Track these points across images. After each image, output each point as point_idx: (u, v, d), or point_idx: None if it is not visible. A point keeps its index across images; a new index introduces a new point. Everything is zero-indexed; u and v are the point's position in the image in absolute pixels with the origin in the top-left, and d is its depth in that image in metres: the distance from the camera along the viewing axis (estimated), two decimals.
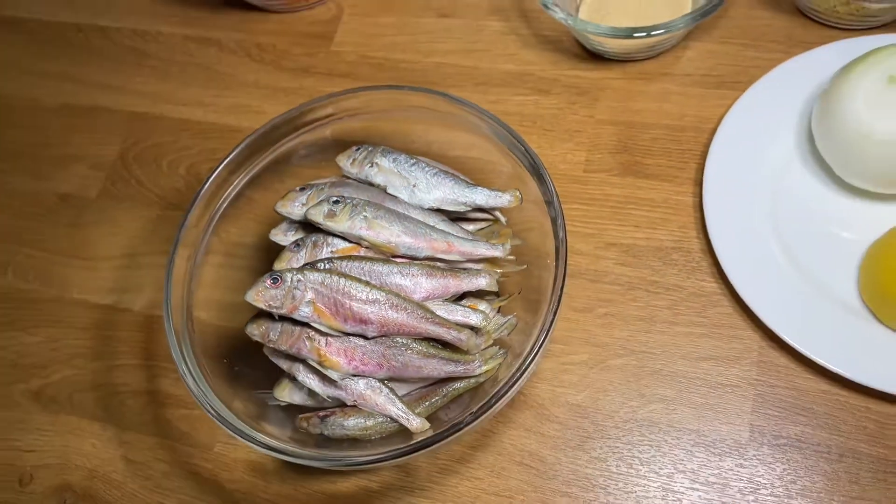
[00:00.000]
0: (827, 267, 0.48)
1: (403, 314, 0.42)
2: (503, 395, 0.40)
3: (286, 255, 0.45)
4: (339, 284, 0.42)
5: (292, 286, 0.41)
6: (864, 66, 0.47)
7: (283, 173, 0.52)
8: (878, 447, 0.45)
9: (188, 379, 0.43)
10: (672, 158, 0.55)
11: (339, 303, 0.41)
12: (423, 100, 0.49)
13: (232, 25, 0.68)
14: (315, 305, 0.41)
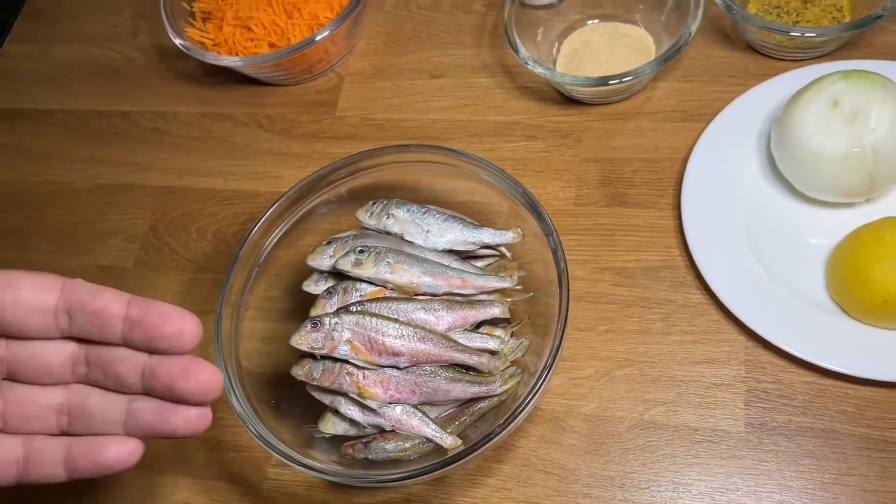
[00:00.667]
0: (798, 271, 0.54)
1: (430, 345, 0.48)
2: (523, 408, 0.45)
3: (320, 302, 0.51)
4: (372, 323, 0.47)
5: (331, 328, 0.47)
6: (811, 93, 0.54)
7: (304, 231, 0.58)
8: (858, 427, 0.50)
9: (244, 418, 0.48)
10: (651, 187, 0.61)
11: (373, 339, 0.47)
12: (426, 155, 0.55)
13: (242, 101, 0.75)
14: (352, 344, 0.47)
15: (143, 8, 0.83)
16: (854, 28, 0.58)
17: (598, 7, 0.68)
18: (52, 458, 0.36)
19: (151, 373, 0.34)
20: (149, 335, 0.34)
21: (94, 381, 0.36)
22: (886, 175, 0.52)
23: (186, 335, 0.34)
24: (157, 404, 0.35)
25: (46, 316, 0.34)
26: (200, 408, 0.35)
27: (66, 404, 0.36)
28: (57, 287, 0.34)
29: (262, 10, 0.69)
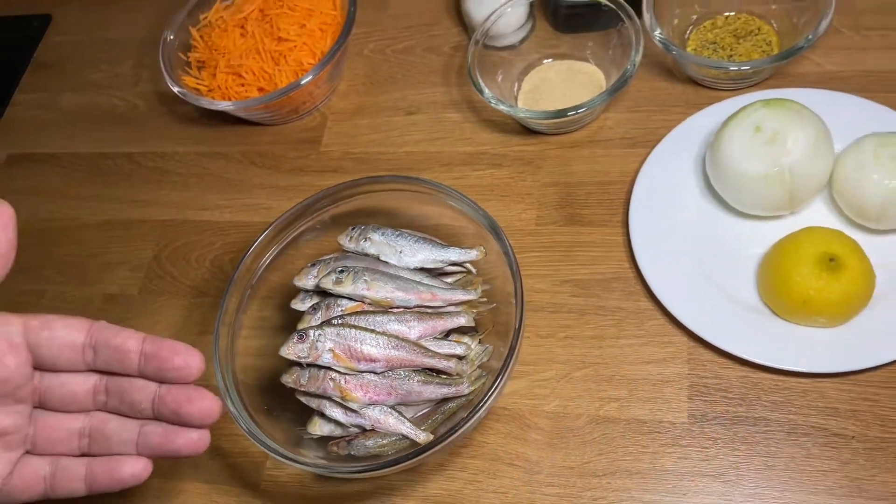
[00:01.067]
0: (733, 278, 0.61)
1: (403, 351, 0.54)
2: (483, 405, 0.51)
3: (306, 317, 0.58)
4: (351, 334, 0.54)
5: (314, 339, 0.54)
6: (736, 120, 0.61)
7: (292, 255, 0.65)
8: (787, 414, 0.56)
9: (239, 420, 0.54)
10: (604, 207, 0.68)
11: (353, 348, 0.54)
12: (398, 184, 0.62)
13: (236, 140, 0.82)
14: (334, 352, 0.54)
15: (144, 58, 0.91)
16: (779, 59, 0.65)
17: (555, 47, 0.76)
18: (75, 475, 0.42)
19: (161, 399, 0.41)
20: (160, 367, 0.41)
21: (112, 408, 0.43)
22: (803, 191, 0.59)
23: (192, 367, 0.41)
24: (164, 427, 0.42)
25: (76, 351, 0.41)
26: (201, 430, 0.42)
27: (87, 428, 0.43)
28: (85, 327, 0.42)
29: (252, 59, 0.77)
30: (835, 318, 0.56)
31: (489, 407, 0.52)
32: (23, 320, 0.40)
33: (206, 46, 0.80)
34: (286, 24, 0.77)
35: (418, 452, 0.50)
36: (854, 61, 0.69)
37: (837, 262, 0.55)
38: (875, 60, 0.69)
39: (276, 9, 0.78)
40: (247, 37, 0.78)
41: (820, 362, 0.56)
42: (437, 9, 0.84)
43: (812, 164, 0.58)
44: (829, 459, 0.54)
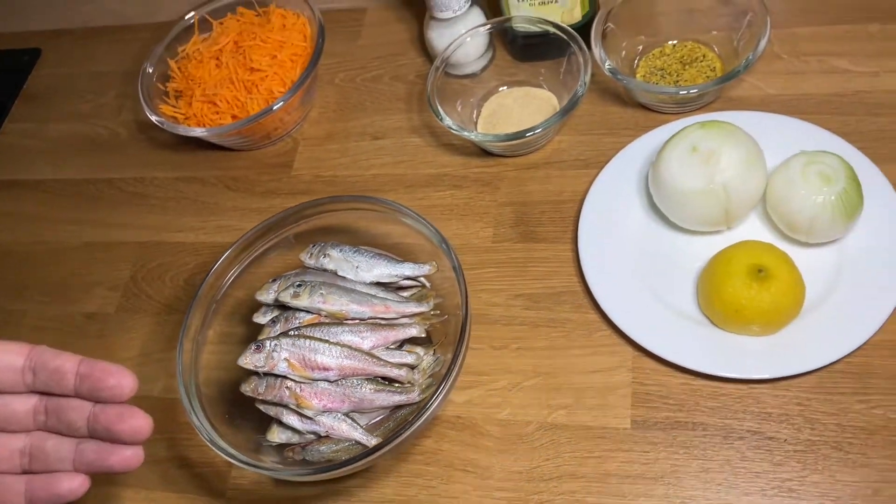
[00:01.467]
0: (675, 290, 0.64)
1: (355, 360, 0.57)
2: (427, 411, 0.54)
3: (266, 329, 0.61)
4: (306, 344, 0.57)
5: (271, 349, 0.57)
6: (675, 140, 0.64)
7: (257, 273, 0.68)
8: (724, 419, 0.59)
9: (203, 434, 0.57)
10: (556, 225, 0.71)
11: (307, 357, 0.57)
12: (360, 204, 0.66)
13: (211, 165, 0.85)
14: (289, 361, 0.57)
15: (126, 88, 0.95)
16: (719, 83, 0.69)
17: (513, 75, 0.80)
18: (15, 492, 0.45)
19: (95, 418, 0.44)
20: (94, 387, 0.44)
21: (51, 427, 0.46)
22: (738, 207, 0.62)
23: (124, 387, 0.44)
24: (99, 445, 0.45)
25: (16, 373, 0.45)
26: (134, 447, 0.45)
27: (28, 447, 0.46)
28: (24, 351, 0.45)
29: (226, 88, 0.81)
30: (766, 326, 0.59)
31: (434, 412, 0.55)
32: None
33: (184, 77, 0.84)
34: (258, 56, 0.81)
35: (365, 455, 0.53)
36: (793, 85, 0.73)
37: (766, 273, 0.58)
38: (812, 84, 0.72)
39: (249, 41, 0.82)
40: (221, 67, 0.82)
41: (754, 369, 0.58)
42: (405, 40, 0.89)
43: (744, 181, 0.61)
44: (762, 462, 0.57)
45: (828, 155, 0.61)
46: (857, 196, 0.59)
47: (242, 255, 0.66)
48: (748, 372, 0.58)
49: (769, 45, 0.75)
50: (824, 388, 0.58)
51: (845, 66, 0.73)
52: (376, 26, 0.91)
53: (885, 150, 0.66)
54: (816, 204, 0.59)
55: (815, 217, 0.59)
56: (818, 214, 0.59)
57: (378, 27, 0.91)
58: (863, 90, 0.71)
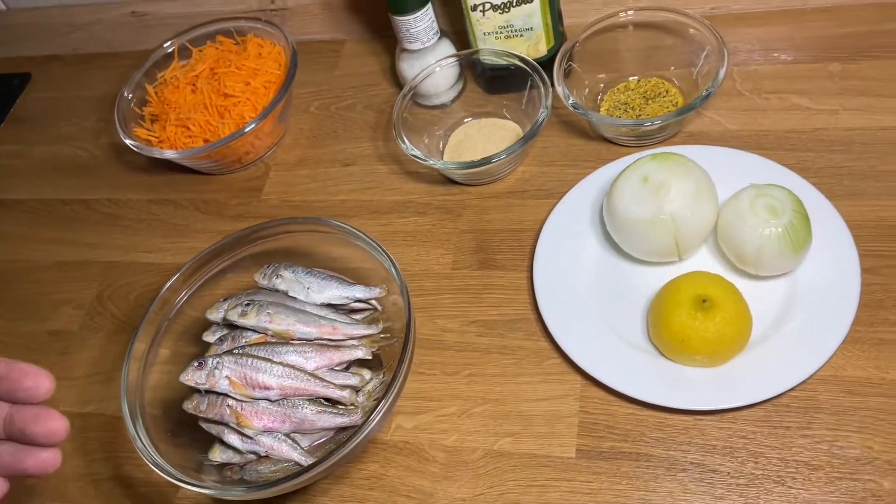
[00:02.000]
0: (625, 320, 0.64)
1: (298, 381, 0.57)
2: (361, 435, 0.54)
3: (213, 348, 0.61)
4: (248, 363, 0.57)
5: (213, 367, 0.57)
6: (628, 171, 0.65)
7: (212, 293, 0.68)
8: (669, 451, 0.58)
9: (144, 455, 0.57)
10: (515, 253, 0.71)
11: (248, 376, 0.57)
12: (312, 226, 0.66)
13: (184, 188, 0.87)
14: (230, 379, 0.57)
15: (107, 113, 0.96)
16: (678, 115, 0.70)
17: (480, 106, 0.81)
18: None
19: (10, 419, 0.43)
20: (11, 388, 0.43)
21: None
22: (688, 237, 0.62)
23: (41, 388, 0.43)
24: (15, 447, 0.43)
25: None
26: (51, 450, 0.43)
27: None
28: None
29: (199, 113, 0.82)
30: (712, 356, 0.58)
31: (370, 433, 0.55)
32: None
33: (160, 101, 0.86)
34: (232, 82, 0.83)
35: (300, 473, 0.53)
36: (752, 121, 0.74)
37: (710, 303, 0.58)
38: (772, 121, 0.73)
39: (224, 67, 0.84)
40: (196, 93, 0.84)
41: (700, 400, 0.58)
42: (379, 70, 0.90)
43: (694, 212, 0.61)
44: (704, 495, 0.56)
45: (776, 188, 0.61)
46: (804, 229, 0.60)
47: (196, 275, 0.67)
48: (694, 403, 0.58)
49: (731, 82, 0.77)
50: (770, 421, 0.58)
51: (805, 103, 0.74)
52: (353, 57, 0.93)
53: (839, 187, 0.67)
54: (763, 236, 0.59)
55: (762, 248, 0.59)
56: (765, 246, 0.59)
57: (354, 58, 0.93)
58: (821, 128, 0.72)
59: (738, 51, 0.79)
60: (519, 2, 0.73)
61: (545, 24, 0.75)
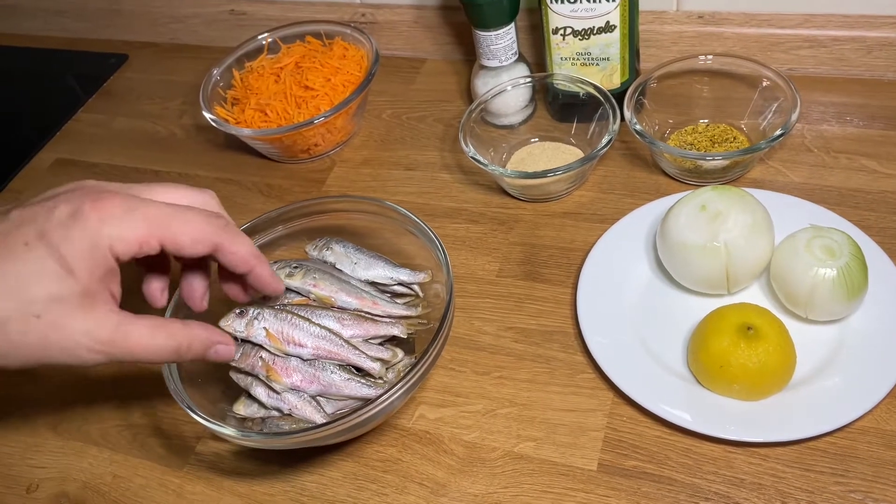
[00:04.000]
0: (666, 345, 0.63)
1: (331, 344, 0.58)
2: (383, 402, 0.54)
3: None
4: (287, 318, 0.58)
5: (253, 316, 0.58)
6: (687, 198, 0.65)
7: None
8: (694, 478, 0.57)
9: (173, 390, 0.58)
10: (561, 269, 0.72)
11: (285, 331, 0.57)
12: (371, 206, 0.68)
13: (251, 172, 0.90)
14: (268, 331, 0.57)
15: (192, 98, 1.02)
16: (745, 153, 0.70)
17: (546, 131, 0.83)
18: None
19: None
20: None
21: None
22: (739, 269, 0.62)
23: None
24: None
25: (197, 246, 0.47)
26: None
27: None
28: (209, 242, 0.48)
29: (278, 101, 0.86)
30: (750, 388, 0.57)
31: (390, 406, 0.54)
32: (159, 241, 0.45)
33: (243, 86, 0.90)
34: (314, 76, 0.86)
35: (315, 428, 0.53)
36: (817, 176, 0.73)
37: (755, 332, 0.57)
38: (837, 178, 0.73)
39: (309, 63, 0.88)
40: (279, 83, 0.88)
41: (732, 430, 0.56)
42: (455, 90, 0.93)
43: (748, 244, 0.61)
44: None
45: (836, 231, 0.61)
46: (860, 274, 0.59)
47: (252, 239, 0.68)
48: (725, 432, 0.56)
49: (800, 138, 0.77)
50: (803, 463, 0.56)
51: (874, 166, 0.73)
52: (431, 75, 0.97)
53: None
54: (817, 276, 0.58)
55: (815, 289, 0.59)
56: (818, 287, 0.58)
57: (432, 76, 0.96)
58: (888, 190, 0.71)
59: (811, 111, 0.79)
60: (600, 30, 0.75)
61: (622, 57, 0.77)
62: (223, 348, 0.51)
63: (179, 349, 0.47)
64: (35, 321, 0.43)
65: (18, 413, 0.72)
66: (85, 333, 0.43)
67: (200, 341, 0.49)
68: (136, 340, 0.45)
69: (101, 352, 0.44)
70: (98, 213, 0.43)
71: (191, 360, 0.51)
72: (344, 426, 0.53)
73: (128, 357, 0.45)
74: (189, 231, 0.46)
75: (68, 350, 0.44)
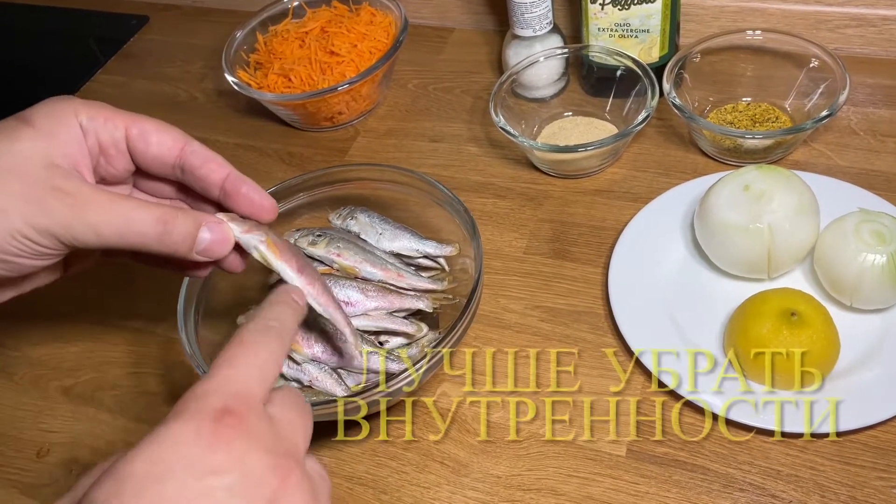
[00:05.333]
0: (701, 329, 0.60)
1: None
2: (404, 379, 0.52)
3: None
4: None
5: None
6: (729, 178, 0.62)
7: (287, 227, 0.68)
8: (727, 467, 0.54)
9: (186, 346, 0.56)
10: (591, 248, 0.69)
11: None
12: (399, 175, 0.65)
13: (272, 139, 0.87)
14: None
15: (214, 62, 0.99)
16: (789, 132, 0.67)
17: (578, 105, 0.80)
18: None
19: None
20: (233, 206, 0.46)
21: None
22: (781, 253, 0.59)
23: (262, 217, 0.46)
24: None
25: (166, 167, 0.45)
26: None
27: None
28: (179, 146, 0.45)
29: (302, 66, 0.83)
30: (790, 376, 0.55)
31: (412, 381, 0.52)
32: (125, 125, 0.44)
33: (267, 51, 0.87)
34: (340, 42, 0.84)
35: (334, 401, 0.51)
36: (864, 160, 0.70)
37: (800, 318, 0.54)
38: (885, 163, 0.70)
39: (335, 28, 0.85)
40: (304, 48, 0.85)
41: (769, 419, 0.54)
42: (483, 61, 0.90)
43: (793, 227, 0.58)
44: None
45: (887, 216, 0.58)
46: None
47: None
48: (762, 422, 0.54)
49: (845, 120, 0.74)
50: (843, 456, 0.53)
51: None
52: (459, 45, 0.94)
53: None
54: (865, 262, 0.56)
55: (862, 275, 0.56)
56: (865, 273, 0.56)
57: (460, 46, 0.93)
58: None
59: (857, 93, 0.76)
60: (641, 0, 0.72)
61: (662, 30, 0.74)
62: (215, 230, 0.43)
63: (158, 220, 0.40)
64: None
65: (30, 375, 0.71)
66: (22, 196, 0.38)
67: (187, 214, 0.42)
68: (97, 204, 0.39)
69: (44, 229, 0.39)
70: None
71: (174, 249, 0.42)
72: (368, 399, 0.51)
73: (88, 230, 0.39)
74: (158, 127, 0.45)
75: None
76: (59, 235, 0.39)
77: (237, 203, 0.45)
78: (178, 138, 0.45)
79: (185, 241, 0.42)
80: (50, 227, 0.39)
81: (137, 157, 0.44)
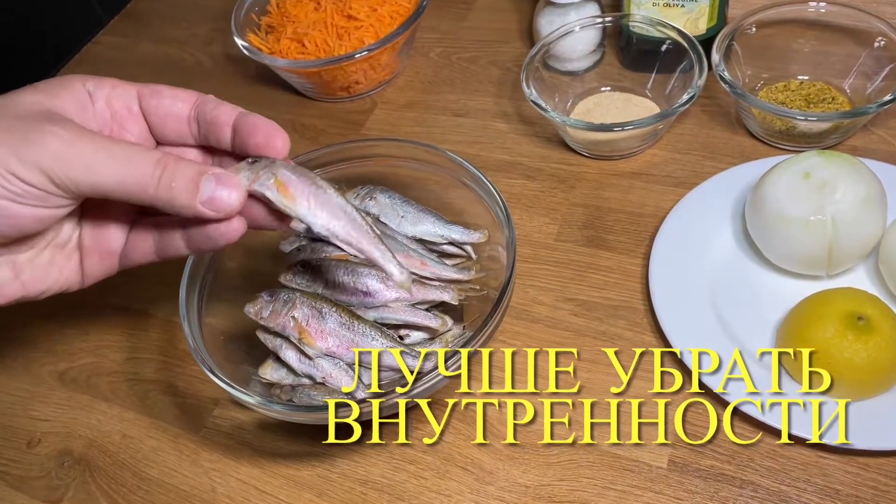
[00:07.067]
0: (751, 330, 0.55)
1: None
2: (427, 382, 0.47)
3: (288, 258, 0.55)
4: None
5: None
6: (787, 164, 0.56)
7: None
8: (780, 484, 0.49)
9: (189, 339, 0.51)
10: (630, 237, 0.64)
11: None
12: (424, 153, 0.60)
13: (285, 108, 0.82)
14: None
15: (222, 24, 0.93)
16: (847, 116, 0.61)
17: (616, 80, 0.74)
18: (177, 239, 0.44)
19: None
20: (243, 142, 0.43)
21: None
22: (844, 248, 0.53)
23: (275, 147, 0.43)
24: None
25: (183, 123, 0.44)
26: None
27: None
28: (192, 100, 0.44)
29: (318, 31, 0.77)
30: (854, 386, 0.49)
31: (436, 385, 0.47)
32: (136, 88, 0.43)
33: (280, 13, 0.81)
34: (358, 5, 0.78)
35: (345, 404, 0.46)
36: None
37: (867, 323, 0.49)
38: None
39: None
40: (319, 11, 0.79)
41: (829, 433, 0.49)
42: (511, 29, 0.84)
43: (858, 221, 0.53)
44: None
45: None
46: None
47: None
48: (822, 435, 0.49)
49: None
50: None
51: None
52: (485, 11, 0.87)
53: None
54: None
55: None
56: None
57: (486, 13, 0.87)
58: None
59: None
60: None
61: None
62: (221, 177, 0.39)
63: (158, 162, 0.38)
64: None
65: (22, 358, 0.66)
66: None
67: (190, 162, 0.39)
68: (93, 141, 0.37)
69: (32, 162, 0.36)
70: None
71: (175, 197, 0.39)
72: (388, 401, 0.46)
73: (83, 168, 0.37)
74: (171, 87, 0.44)
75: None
76: (50, 171, 0.37)
77: (248, 137, 0.42)
78: (191, 93, 0.44)
79: (188, 188, 0.39)
80: (40, 161, 0.36)
81: (151, 115, 0.43)
